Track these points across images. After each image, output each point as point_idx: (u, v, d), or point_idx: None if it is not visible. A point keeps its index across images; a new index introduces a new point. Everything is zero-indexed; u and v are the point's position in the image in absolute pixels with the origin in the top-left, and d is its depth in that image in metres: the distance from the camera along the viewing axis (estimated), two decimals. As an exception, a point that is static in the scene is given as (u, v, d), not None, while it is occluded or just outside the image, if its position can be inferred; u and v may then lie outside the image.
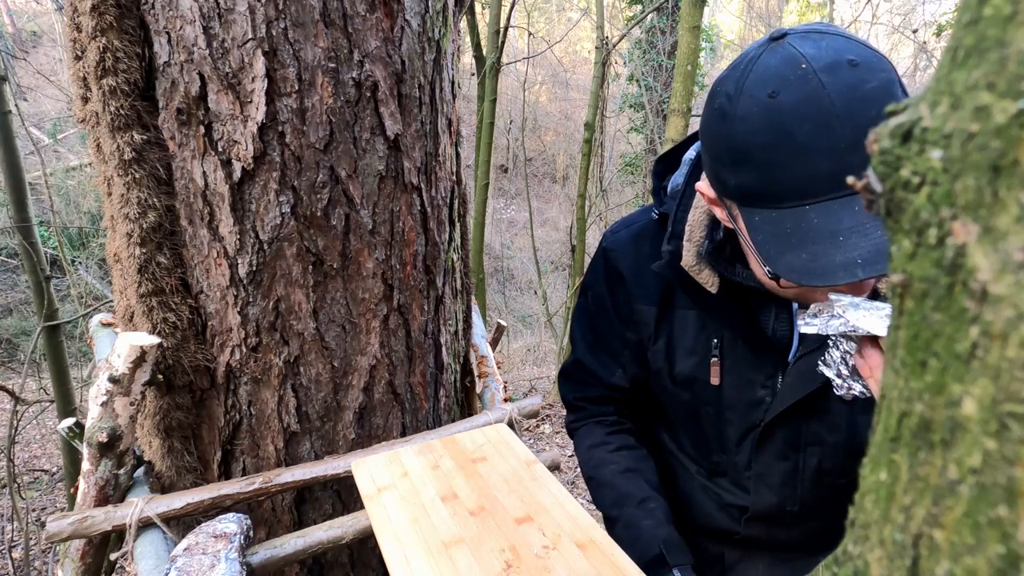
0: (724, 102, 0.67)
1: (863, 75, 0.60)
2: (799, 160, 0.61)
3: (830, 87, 0.59)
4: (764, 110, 0.62)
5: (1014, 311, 0.17)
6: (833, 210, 0.61)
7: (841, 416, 0.83)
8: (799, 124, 0.60)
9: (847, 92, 0.59)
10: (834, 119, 0.59)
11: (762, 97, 0.62)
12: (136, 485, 1.09)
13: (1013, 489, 0.18)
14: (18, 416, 2.76)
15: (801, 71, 0.61)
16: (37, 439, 5.10)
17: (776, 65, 0.63)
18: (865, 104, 0.59)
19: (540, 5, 17.29)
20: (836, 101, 0.59)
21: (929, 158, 0.20)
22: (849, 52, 0.61)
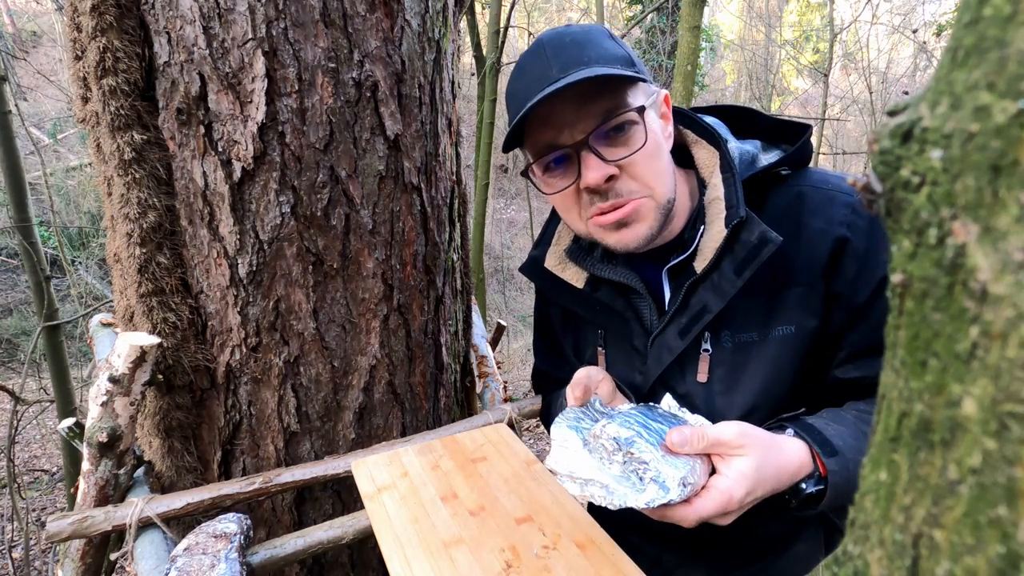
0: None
1: (571, 27, 0.80)
2: (521, 80, 0.79)
3: (543, 35, 0.80)
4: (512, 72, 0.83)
5: (1014, 311, 0.17)
6: (545, 91, 0.75)
7: (699, 399, 0.86)
8: (521, 59, 0.80)
9: (555, 36, 0.78)
10: (545, 49, 0.77)
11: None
12: (136, 485, 1.09)
13: (1013, 489, 0.18)
14: (18, 416, 2.76)
15: (539, 39, 0.82)
16: (37, 439, 5.10)
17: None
18: (570, 35, 0.78)
19: (540, 5, 17.29)
20: (548, 41, 0.78)
21: (929, 158, 0.20)
22: (574, 25, 0.81)
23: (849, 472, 0.69)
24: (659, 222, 0.80)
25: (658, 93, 0.81)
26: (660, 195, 0.79)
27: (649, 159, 0.77)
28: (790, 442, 0.71)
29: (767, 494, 0.68)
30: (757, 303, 0.80)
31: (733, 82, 17.81)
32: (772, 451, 0.68)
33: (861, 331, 0.77)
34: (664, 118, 0.82)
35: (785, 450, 0.70)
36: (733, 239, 0.77)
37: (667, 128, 0.82)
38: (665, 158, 0.80)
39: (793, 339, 0.79)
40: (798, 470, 0.69)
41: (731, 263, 0.77)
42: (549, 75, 0.75)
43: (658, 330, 0.86)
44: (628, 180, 0.77)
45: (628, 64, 0.77)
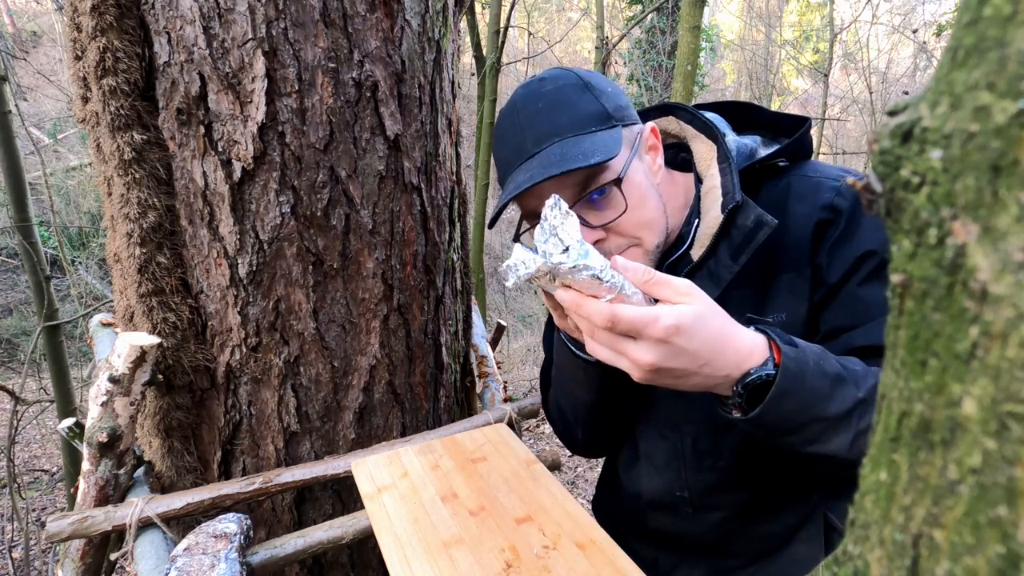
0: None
1: (545, 85, 0.81)
2: (499, 150, 0.84)
3: (519, 99, 0.83)
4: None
5: (1014, 311, 0.17)
6: (523, 166, 0.79)
7: (694, 395, 0.84)
8: (498, 128, 0.85)
9: (528, 98, 0.81)
10: (516, 116, 0.82)
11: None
12: (136, 485, 1.09)
13: (1013, 489, 0.18)
14: (18, 416, 2.76)
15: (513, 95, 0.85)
16: (37, 439, 5.10)
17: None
18: (539, 100, 0.80)
19: (540, 5, 17.29)
20: (520, 105, 0.82)
21: (929, 158, 0.20)
22: (548, 73, 0.84)
23: (804, 370, 0.63)
24: (652, 263, 0.82)
25: (641, 132, 0.82)
26: (649, 242, 0.81)
27: (635, 213, 0.79)
28: (747, 331, 0.67)
29: (705, 356, 0.62)
30: (750, 292, 0.81)
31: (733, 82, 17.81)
32: (721, 317, 0.64)
33: (834, 308, 0.76)
34: (653, 151, 0.84)
35: (738, 328, 0.66)
36: (729, 224, 0.77)
37: (656, 162, 0.83)
38: (651, 203, 0.81)
39: (785, 327, 0.79)
40: (749, 352, 0.64)
41: (727, 248, 0.77)
42: (524, 148, 0.79)
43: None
44: (616, 237, 0.81)
45: (602, 120, 0.78)
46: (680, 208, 0.88)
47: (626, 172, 0.78)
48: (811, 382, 0.64)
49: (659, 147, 0.84)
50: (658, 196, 0.83)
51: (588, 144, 0.75)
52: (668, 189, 0.87)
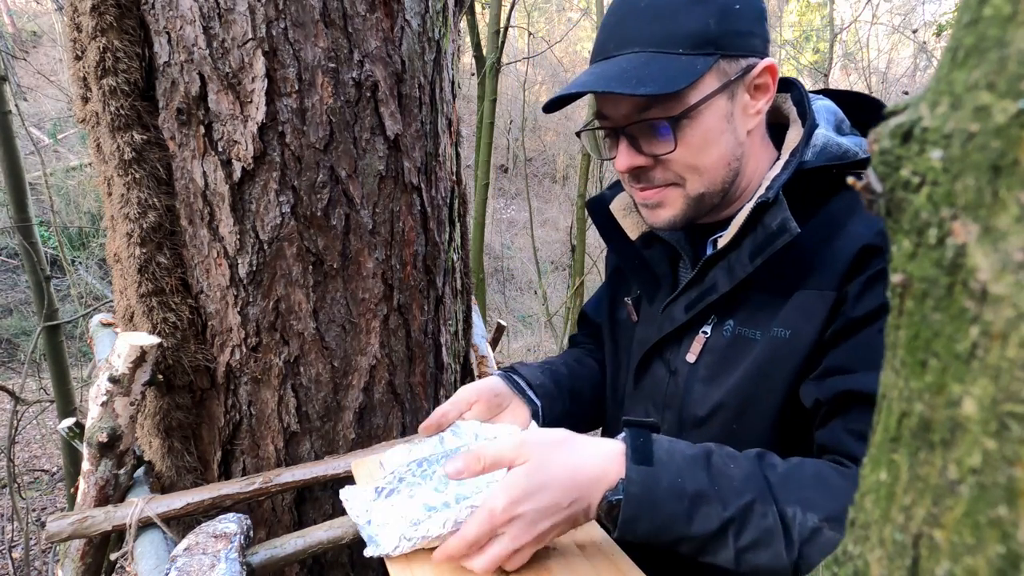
0: None
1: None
2: (596, 37, 0.78)
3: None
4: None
5: (1014, 311, 0.17)
6: (588, 68, 0.76)
7: (682, 377, 0.83)
8: (607, 12, 0.78)
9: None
10: (618, 5, 0.75)
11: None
12: (136, 485, 1.09)
13: (1013, 489, 0.18)
14: (18, 416, 2.76)
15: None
16: (37, 439, 5.10)
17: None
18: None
19: (540, 5, 17.30)
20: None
21: (929, 158, 0.20)
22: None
23: (653, 494, 0.59)
24: (688, 211, 0.77)
25: (751, 67, 0.72)
26: (693, 187, 0.75)
27: (686, 153, 0.73)
28: (603, 443, 0.64)
29: (560, 502, 0.60)
30: (770, 300, 0.75)
31: (733, 82, 17.72)
32: (560, 450, 0.61)
33: (843, 348, 0.68)
34: (760, 92, 0.74)
35: (585, 449, 0.62)
36: (756, 220, 0.72)
37: (757, 104, 0.75)
38: (715, 151, 0.74)
39: (785, 344, 0.72)
40: (602, 474, 0.61)
41: (749, 244, 0.73)
42: (608, 45, 0.74)
43: (670, 298, 0.84)
44: (661, 169, 0.75)
45: (698, 43, 0.69)
46: (764, 174, 0.80)
47: (695, 110, 0.70)
48: (664, 505, 0.59)
49: (770, 89, 0.75)
50: (732, 144, 0.75)
51: (658, 67, 0.68)
52: (759, 146, 0.79)
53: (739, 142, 0.75)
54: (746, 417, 0.76)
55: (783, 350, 0.72)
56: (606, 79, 0.70)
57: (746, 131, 0.75)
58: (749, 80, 0.73)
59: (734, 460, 0.64)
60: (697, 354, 0.81)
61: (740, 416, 0.76)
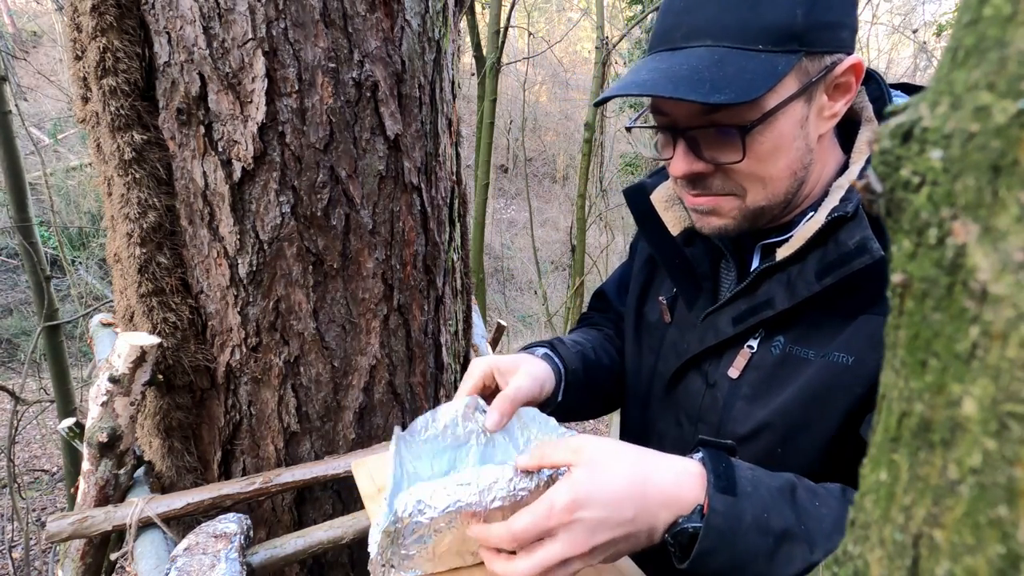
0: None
1: None
2: (660, 17, 0.69)
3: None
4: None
5: (1014, 311, 0.17)
6: (653, 57, 0.67)
7: (721, 392, 0.76)
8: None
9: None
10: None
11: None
12: (136, 485, 1.09)
13: (1013, 489, 0.18)
14: (18, 416, 2.76)
15: None
16: (37, 439, 5.10)
17: None
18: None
19: (540, 5, 17.29)
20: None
21: (929, 158, 0.20)
22: None
23: (737, 526, 0.53)
24: (743, 222, 0.71)
25: (835, 64, 0.64)
26: (753, 200, 0.69)
27: (753, 164, 0.66)
28: (676, 460, 0.58)
29: (624, 513, 0.53)
30: (829, 321, 0.67)
31: (733, 82, 17.73)
32: (626, 458, 0.56)
33: None
34: (840, 92, 0.66)
35: (657, 463, 0.57)
36: (829, 234, 0.65)
37: (836, 106, 0.66)
38: (783, 160, 0.66)
39: (846, 371, 0.65)
40: (676, 492, 0.55)
41: (816, 261, 0.66)
42: (675, 33, 0.65)
43: (715, 307, 0.78)
44: (721, 177, 0.69)
45: (780, 38, 0.60)
46: (819, 193, 0.72)
47: (771, 117, 0.63)
48: (745, 541, 0.53)
49: (853, 88, 0.66)
50: (802, 151, 0.67)
51: (734, 68, 0.60)
52: (827, 149, 0.71)
53: (809, 148, 0.67)
54: (794, 441, 0.70)
55: (844, 377, 0.66)
56: (675, 81, 0.61)
57: (818, 135, 0.67)
58: (831, 79, 0.64)
59: (819, 497, 0.58)
60: (741, 370, 0.74)
61: (787, 440, 0.70)
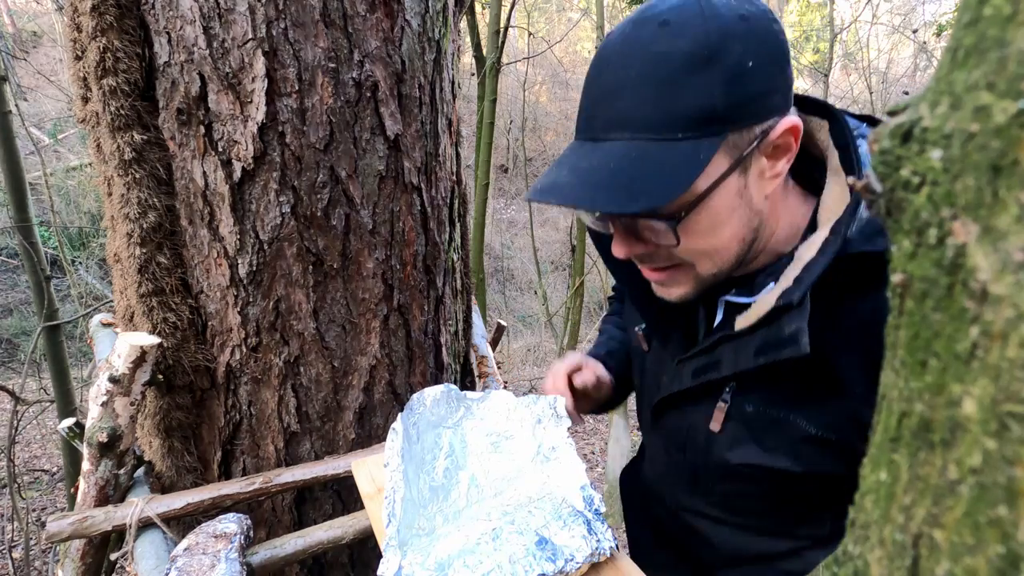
0: None
1: (658, 37, 0.58)
2: (582, 100, 0.65)
3: (621, 37, 0.61)
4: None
5: (1014, 311, 0.17)
6: (575, 147, 0.64)
7: (703, 437, 0.76)
8: (592, 66, 0.64)
9: (628, 47, 0.60)
10: (607, 68, 0.61)
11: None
12: (136, 485, 1.09)
13: (1013, 489, 0.17)
14: (18, 416, 2.76)
15: (630, 17, 0.62)
16: (37, 439, 5.10)
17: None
18: (633, 62, 0.59)
19: (540, 5, 17.29)
20: (616, 51, 0.61)
21: (929, 158, 0.20)
22: (679, 14, 0.58)
23: None
24: (702, 286, 0.69)
25: (768, 130, 0.60)
26: (704, 268, 0.67)
27: (693, 241, 0.64)
28: None
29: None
30: (805, 388, 0.66)
31: (733, 82, 17.73)
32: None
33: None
34: (779, 153, 0.63)
35: None
36: (774, 317, 0.64)
37: (775, 167, 0.63)
38: (727, 232, 0.64)
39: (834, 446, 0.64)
40: None
41: (760, 338, 0.65)
42: (592, 122, 0.63)
43: (683, 357, 0.77)
44: (666, 253, 0.67)
45: (702, 121, 0.57)
46: (784, 239, 0.69)
47: (702, 201, 0.60)
48: None
49: (792, 149, 0.62)
50: (746, 218, 0.64)
51: (654, 164, 0.58)
52: (777, 206, 0.68)
53: (755, 212, 0.65)
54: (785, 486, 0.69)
55: (832, 450, 0.64)
56: (592, 187, 0.59)
57: (763, 196, 0.64)
58: (766, 144, 0.61)
59: None
60: (720, 423, 0.73)
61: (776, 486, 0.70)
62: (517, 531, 0.71)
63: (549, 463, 0.81)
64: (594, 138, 0.63)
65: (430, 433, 0.88)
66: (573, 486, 0.76)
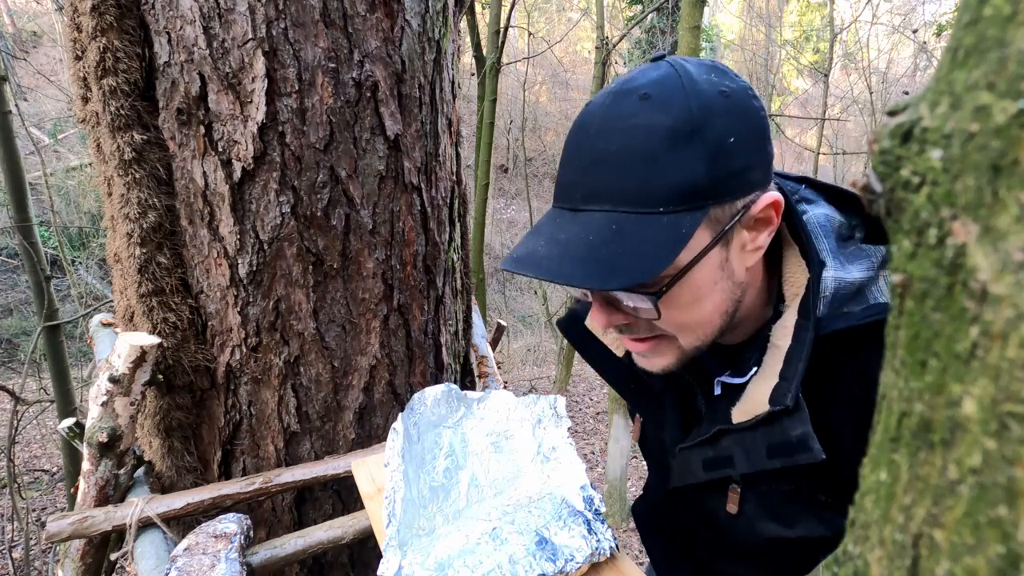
0: None
1: (640, 110, 0.58)
2: (561, 167, 0.64)
3: (602, 109, 0.60)
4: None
5: (1014, 311, 0.17)
6: (554, 216, 0.64)
7: (723, 518, 0.74)
8: (571, 135, 0.63)
9: (610, 119, 0.59)
10: (587, 138, 0.61)
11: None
12: (136, 485, 1.09)
13: (1013, 489, 0.17)
14: (18, 416, 2.76)
15: (610, 88, 0.62)
16: (37, 439, 5.10)
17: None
18: (615, 135, 0.58)
19: (540, 5, 17.29)
20: (597, 122, 0.60)
21: (929, 158, 0.20)
22: (660, 88, 0.58)
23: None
24: (685, 358, 0.69)
25: (750, 205, 0.60)
26: (687, 342, 0.66)
27: (680, 314, 0.63)
28: None
29: None
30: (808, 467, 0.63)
31: (733, 82, 17.75)
32: None
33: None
34: (761, 226, 0.63)
35: None
36: (775, 419, 0.63)
37: (757, 240, 0.63)
38: (707, 305, 0.63)
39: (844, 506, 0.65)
40: None
41: (765, 437, 0.64)
42: (572, 190, 0.62)
43: (685, 445, 0.75)
44: (647, 325, 0.66)
45: (684, 197, 0.57)
46: (760, 306, 0.69)
47: (683, 276, 0.60)
48: None
49: (773, 223, 0.62)
50: (728, 290, 0.64)
51: (635, 239, 0.57)
52: (756, 276, 0.68)
53: (737, 283, 0.65)
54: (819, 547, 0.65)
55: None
56: (570, 261, 0.58)
57: (745, 268, 0.64)
58: (748, 219, 0.61)
59: None
60: (737, 505, 0.71)
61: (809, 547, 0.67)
62: (517, 531, 0.71)
63: (549, 463, 0.81)
64: (574, 208, 0.62)
65: (430, 433, 0.88)
66: (573, 486, 0.76)
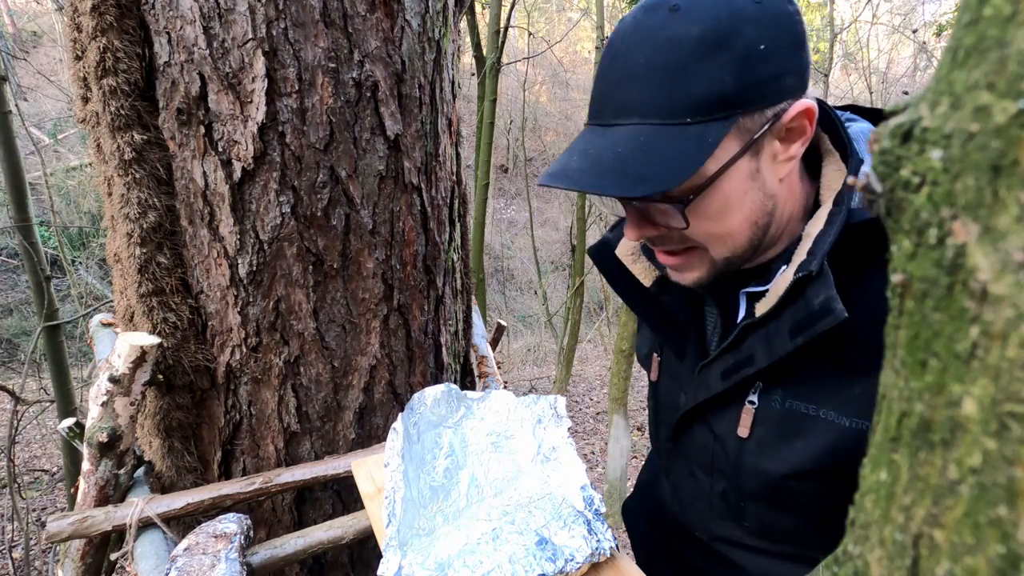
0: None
1: (669, 23, 0.58)
2: (594, 86, 0.66)
3: (633, 23, 0.61)
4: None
5: (1014, 311, 0.17)
6: (586, 133, 0.65)
7: (730, 447, 0.73)
8: (604, 53, 0.64)
9: (639, 33, 0.60)
10: (618, 54, 0.61)
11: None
12: (136, 485, 1.09)
13: (1013, 489, 0.18)
14: (18, 416, 2.76)
15: (642, 3, 0.62)
16: (37, 439, 5.10)
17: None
18: (643, 49, 0.59)
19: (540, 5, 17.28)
20: (627, 38, 0.61)
21: (929, 158, 0.20)
22: (683, 3, 0.58)
23: None
24: (716, 271, 0.69)
25: (780, 114, 0.60)
26: (718, 252, 0.66)
27: (704, 225, 0.64)
28: None
29: None
30: (830, 373, 0.64)
31: (733, 82, 17.75)
32: None
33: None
34: (792, 136, 0.62)
35: None
36: (798, 293, 0.63)
37: (789, 150, 0.63)
38: (736, 216, 0.64)
39: (861, 438, 0.62)
40: None
41: (790, 318, 0.63)
42: (603, 106, 0.63)
43: (705, 361, 0.75)
44: (678, 236, 0.67)
45: (712, 106, 0.57)
46: (798, 222, 0.69)
47: (711, 185, 0.61)
48: None
49: (807, 132, 0.62)
50: (760, 201, 0.64)
51: (661, 149, 0.58)
52: (795, 186, 0.68)
53: (769, 195, 0.64)
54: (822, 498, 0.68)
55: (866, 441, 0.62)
56: (599, 172, 0.59)
57: (778, 179, 0.64)
58: (779, 127, 0.61)
59: None
60: (749, 427, 0.71)
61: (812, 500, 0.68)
62: (517, 531, 0.71)
63: (549, 463, 0.81)
64: (604, 124, 0.63)
65: (430, 433, 0.88)
66: (573, 486, 0.76)
